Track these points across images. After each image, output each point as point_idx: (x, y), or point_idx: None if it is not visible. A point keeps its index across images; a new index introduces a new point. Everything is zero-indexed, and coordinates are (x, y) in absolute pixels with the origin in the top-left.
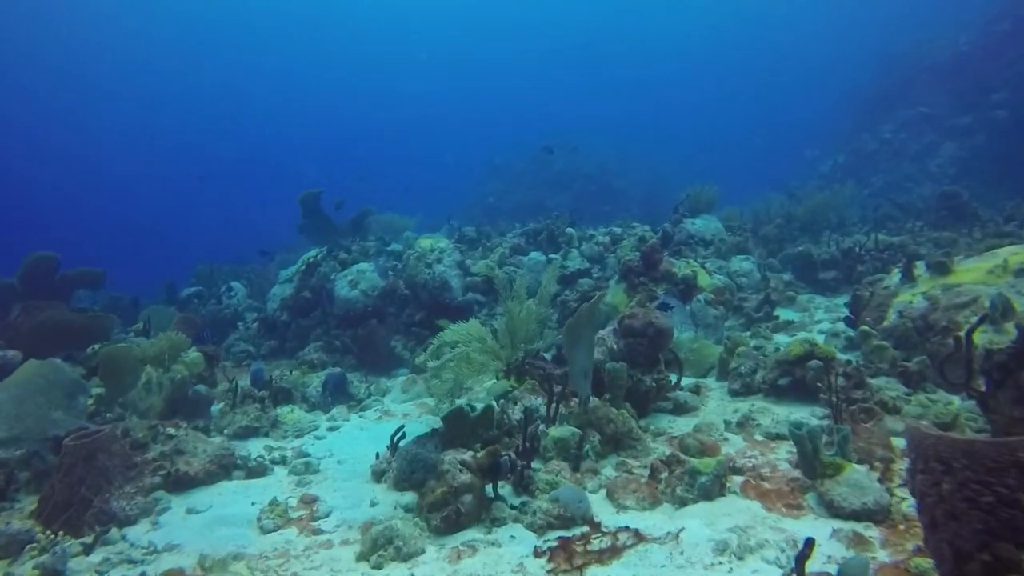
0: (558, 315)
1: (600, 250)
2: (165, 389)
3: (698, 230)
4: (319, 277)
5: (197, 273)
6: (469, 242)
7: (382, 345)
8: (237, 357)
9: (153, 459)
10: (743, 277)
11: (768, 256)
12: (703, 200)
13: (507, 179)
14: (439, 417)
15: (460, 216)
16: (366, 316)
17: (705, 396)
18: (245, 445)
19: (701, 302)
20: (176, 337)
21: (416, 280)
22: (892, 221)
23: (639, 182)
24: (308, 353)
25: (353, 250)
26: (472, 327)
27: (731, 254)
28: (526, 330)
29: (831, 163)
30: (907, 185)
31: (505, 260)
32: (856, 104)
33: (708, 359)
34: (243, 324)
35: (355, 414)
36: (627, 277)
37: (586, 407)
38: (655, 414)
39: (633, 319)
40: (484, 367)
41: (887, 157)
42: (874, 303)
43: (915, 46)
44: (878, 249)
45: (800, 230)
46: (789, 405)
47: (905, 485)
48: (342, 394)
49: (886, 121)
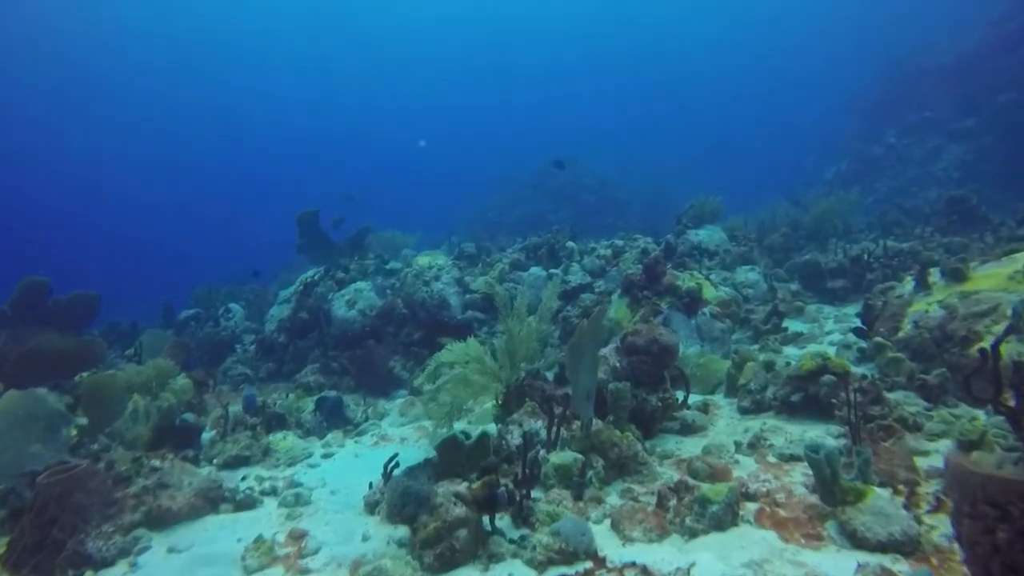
0: (560, 331)
1: (602, 263)
2: (152, 418)
3: (702, 241)
4: (316, 297)
5: (195, 295)
6: (468, 258)
7: (380, 366)
8: (234, 380)
9: (135, 494)
10: (749, 288)
11: (774, 266)
12: (707, 210)
13: (508, 193)
14: (433, 446)
15: (462, 231)
16: (364, 336)
17: (714, 415)
18: (235, 475)
19: (707, 315)
20: (164, 364)
21: (414, 299)
22: (899, 227)
23: (641, 193)
24: (305, 375)
25: (351, 269)
26: (470, 347)
27: (736, 265)
28: (527, 349)
29: (835, 169)
30: (912, 190)
31: (505, 276)
32: (858, 110)
33: (715, 375)
34: (240, 347)
35: (351, 439)
36: (630, 291)
37: (588, 430)
38: (661, 435)
39: (636, 336)
40: (483, 389)
41: (892, 162)
42: (887, 313)
43: (916, 50)
44: (887, 256)
45: (806, 238)
46: (802, 423)
47: (934, 511)
48: (338, 418)
49: (890, 126)
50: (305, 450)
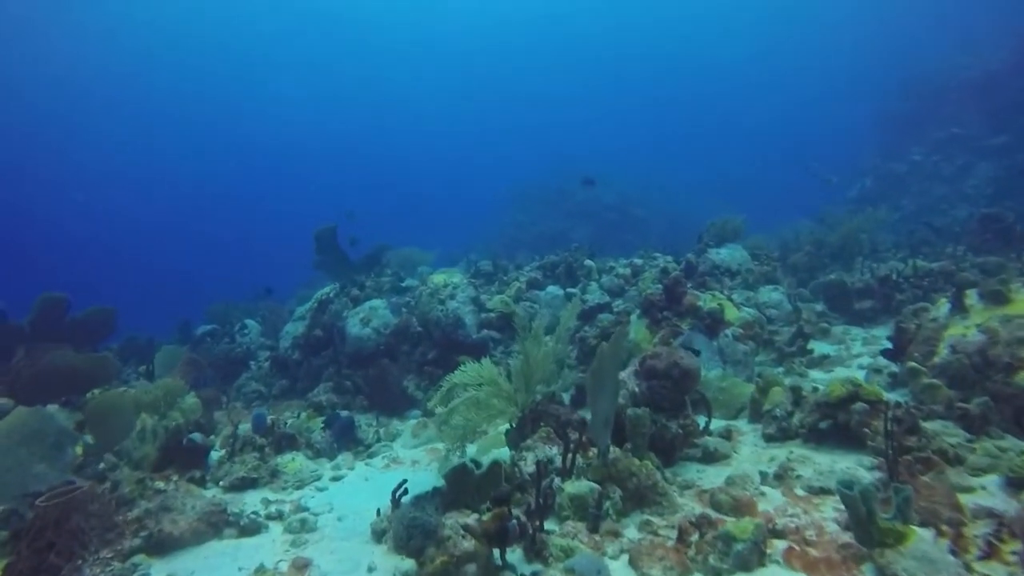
0: (577, 352)
1: (620, 283)
2: (159, 437)
3: (723, 260)
4: (330, 315)
5: (210, 311)
6: (485, 276)
7: (394, 385)
8: (247, 397)
9: (137, 517)
10: (773, 309)
11: (798, 285)
12: (728, 229)
13: (528, 210)
14: (441, 474)
15: (481, 248)
16: (378, 355)
17: (737, 442)
18: (242, 498)
19: (729, 337)
20: (172, 382)
21: (429, 317)
22: (928, 246)
23: (661, 211)
24: (317, 394)
25: (367, 286)
26: (484, 368)
27: (759, 284)
28: (543, 371)
29: (858, 187)
30: (941, 208)
31: (521, 295)
32: (881, 127)
33: (739, 399)
34: (255, 363)
35: (361, 462)
36: (649, 312)
37: (606, 459)
38: (682, 463)
39: (656, 359)
40: (498, 412)
41: (918, 180)
42: (921, 336)
43: (942, 66)
44: (917, 276)
45: (831, 257)
46: (831, 452)
47: (986, 557)
48: (349, 439)
49: (916, 143)
50: (314, 472)
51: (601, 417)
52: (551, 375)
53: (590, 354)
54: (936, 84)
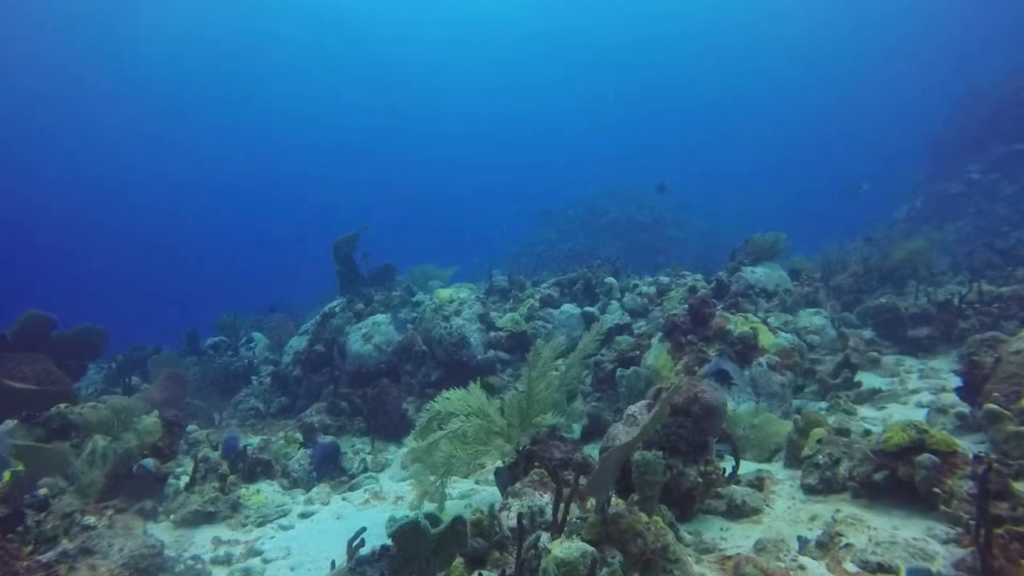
0: (592, 378)
1: (644, 302)
2: (109, 462)
3: (759, 279)
4: (332, 330)
5: (219, 323)
6: (500, 293)
7: (393, 408)
8: (243, 415)
9: (47, 564)
10: (814, 335)
11: (842, 309)
12: (766, 245)
13: (558, 227)
14: (388, 533)
15: (508, 267)
16: (379, 374)
17: (770, 493)
18: (192, 536)
19: (763, 366)
20: (126, 401)
21: (431, 335)
22: (993, 269)
23: (697, 233)
24: (310, 415)
25: (376, 300)
26: (472, 396)
27: (798, 307)
28: (544, 402)
29: (907, 208)
30: (1003, 229)
31: (534, 313)
32: (932, 146)
33: (773, 439)
34: (256, 378)
35: (339, 495)
36: (672, 334)
37: (605, 514)
38: (702, 517)
39: (673, 392)
40: (486, 449)
41: (976, 199)
42: (1003, 373)
43: (1006, 79)
44: (983, 301)
45: (880, 279)
46: (889, 514)
47: None
48: (331, 468)
49: (973, 161)
50: (280, 507)
51: (610, 467)
52: (557, 405)
53: (606, 380)
54: (996, 99)
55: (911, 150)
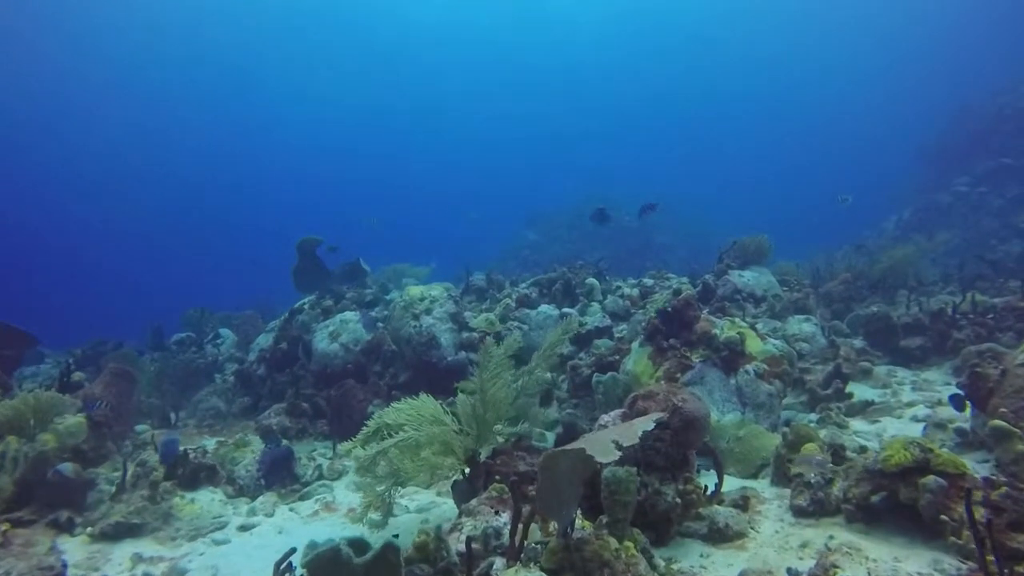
0: (568, 383)
1: (626, 305)
2: (20, 466)
3: (747, 284)
4: (298, 327)
5: (185, 318)
6: (477, 292)
7: (358, 411)
8: (203, 414)
9: None
10: (804, 342)
11: (832, 317)
12: (752, 249)
13: (544, 230)
14: (301, 564)
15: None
16: (346, 375)
17: (756, 514)
18: (111, 551)
19: (751, 374)
20: (45, 396)
21: (400, 334)
22: (984, 280)
23: (684, 237)
24: (268, 416)
25: (347, 297)
26: (424, 404)
27: (787, 314)
28: (504, 409)
29: (895, 219)
30: (991, 242)
31: (510, 314)
32: (922, 158)
33: (759, 452)
34: (220, 376)
35: (287, 505)
36: (653, 339)
37: (568, 539)
38: (680, 540)
39: (649, 400)
40: (439, 461)
41: (964, 212)
42: (1008, 387)
43: (994, 96)
44: (977, 312)
45: (870, 288)
46: (890, 541)
47: None
48: (282, 474)
49: (961, 174)
50: (217, 519)
51: (556, 477)
52: (522, 411)
53: (583, 386)
54: (984, 114)
55: (900, 162)
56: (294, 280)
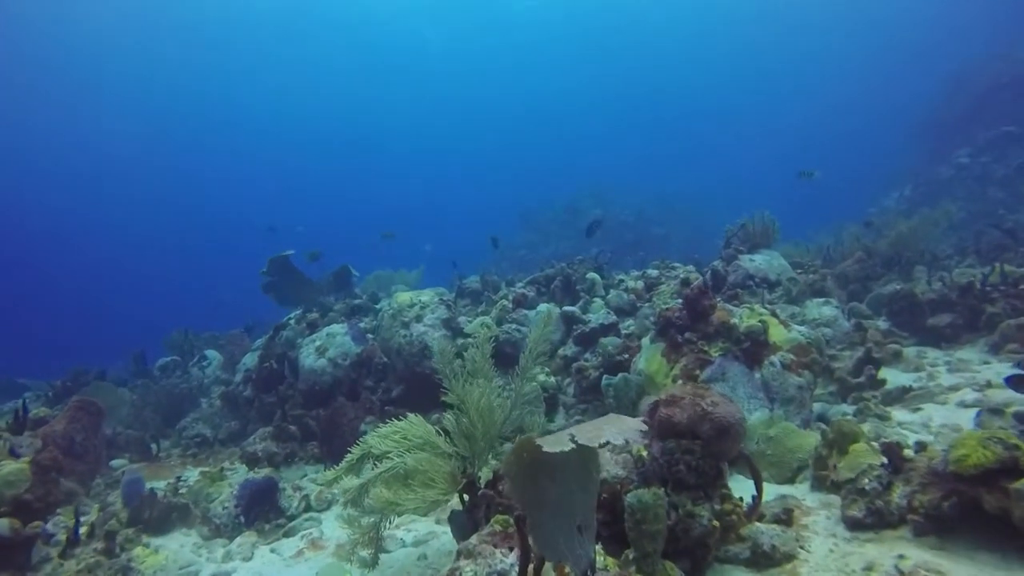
0: (575, 387)
1: (631, 299)
2: None
3: (759, 268)
4: (283, 343)
5: (168, 341)
6: (472, 296)
7: (349, 430)
8: (187, 443)
9: None
10: (825, 327)
11: (849, 299)
12: (758, 232)
13: (538, 229)
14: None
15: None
16: (336, 392)
17: (802, 528)
18: None
19: (776, 366)
20: None
21: (390, 344)
22: (1005, 251)
23: (681, 228)
24: (253, 443)
25: (335, 309)
26: (411, 427)
27: (804, 297)
28: (495, 424)
29: (896, 195)
30: (999, 212)
31: (507, 316)
32: (918, 134)
33: (795, 454)
34: (207, 400)
35: (268, 545)
36: (666, 333)
37: None
38: (719, 568)
39: (674, 406)
40: (436, 488)
41: (968, 183)
42: None
43: (988, 62)
44: (1008, 283)
45: (884, 266)
46: (972, 557)
47: None
48: (265, 508)
49: (961, 146)
50: (186, 569)
51: (564, 520)
52: (522, 424)
53: (591, 390)
54: (980, 83)
55: (894, 139)
56: (274, 297)
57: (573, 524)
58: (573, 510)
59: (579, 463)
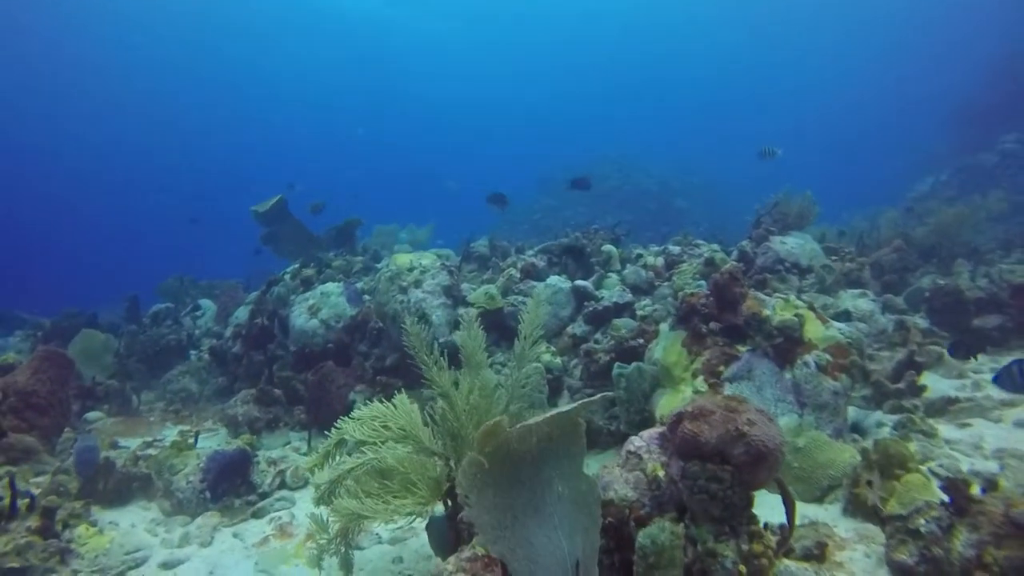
0: (582, 371)
1: (650, 276)
2: None
3: (790, 252)
4: (274, 299)
5: (162, 288)
6: (479, 261)
7: (337, 398)
8: (171, 397)
9: None
10: (860, 322)
11: (883, 291)
12: (794, 212)
13: (558, 194)
14: None
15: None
16: (327, 355)
17: (836, 568)
18: None
19: (811, 367)
20: None
21: (385, 310)
22: None
23: (705, 202)
24: (234, 405)
25: (334, 265)
26: (394, 412)
27: (838, 288)
28: (484, 414)
29: (931, 181)
30: None
31: (513, 286)
32: (958, 119)
33: (826, 469)
34: (196, 353)
35: (231, 528)
36: (688, 321)
37: None
38: None
39: (701, 422)
40: (416, 489)
41: (1013, 171)
42: None
43: None
44: None
45: (921, 257)
46: None
47: None
48: (235, 483)
49: (1007, 131)
50: (132, 554)
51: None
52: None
53: (600, 375)
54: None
55: (929, 124)
56: (273, 249)
57: (568, 566)
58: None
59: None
